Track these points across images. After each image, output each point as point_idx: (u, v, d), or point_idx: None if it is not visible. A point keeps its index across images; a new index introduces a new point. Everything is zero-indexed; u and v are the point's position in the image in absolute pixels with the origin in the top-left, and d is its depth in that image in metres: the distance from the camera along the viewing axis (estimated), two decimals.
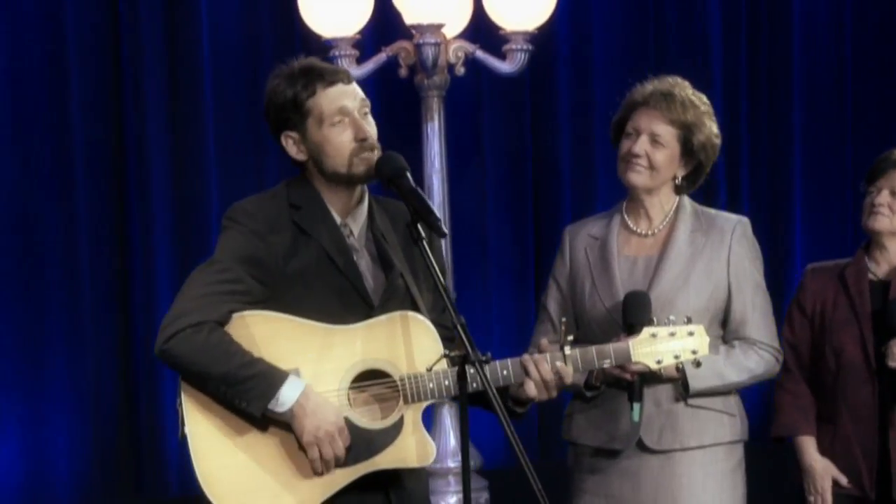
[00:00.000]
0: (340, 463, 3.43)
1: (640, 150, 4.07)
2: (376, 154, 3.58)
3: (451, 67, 6.07)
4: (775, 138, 7.86)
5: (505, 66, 6.14)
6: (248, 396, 3.37)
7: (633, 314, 3.87)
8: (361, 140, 3.55)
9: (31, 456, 6.41)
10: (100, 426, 6.47)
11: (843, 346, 4.57)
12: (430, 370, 3.47)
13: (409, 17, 5.90)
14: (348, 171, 3.55)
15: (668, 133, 4.08)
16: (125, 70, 6.60)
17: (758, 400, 6.01)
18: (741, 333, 4.13)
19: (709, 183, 7.52)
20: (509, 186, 7.31)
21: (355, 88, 3.62)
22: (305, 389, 3.40)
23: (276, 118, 3.63)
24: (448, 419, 6.09)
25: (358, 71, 6.05)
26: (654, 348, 3.71)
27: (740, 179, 7.80)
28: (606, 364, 3.73)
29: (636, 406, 3.91)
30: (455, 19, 6.10)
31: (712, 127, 4.15)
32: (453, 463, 6.05)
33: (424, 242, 3.45)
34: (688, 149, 4.10)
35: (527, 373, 3.57)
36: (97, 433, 6.46)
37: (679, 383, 4.02)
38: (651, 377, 3.93)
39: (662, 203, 4.15)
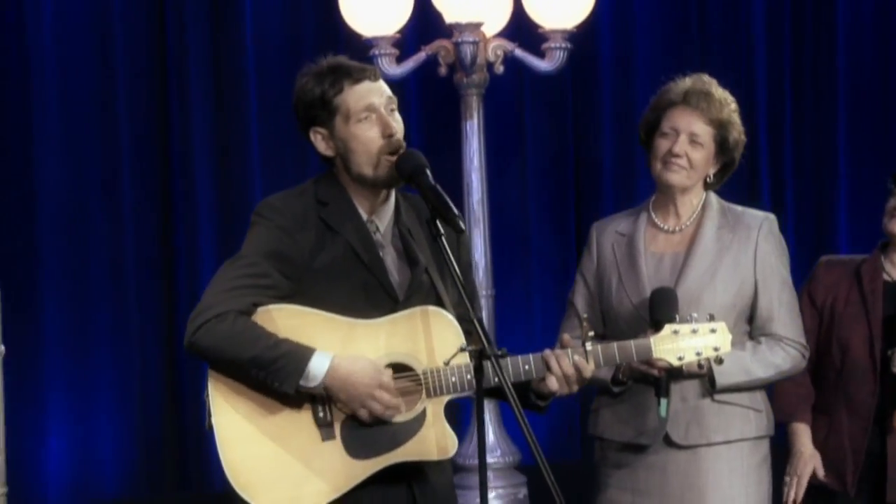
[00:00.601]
0: (400, 405, 3.48)
1: (680, 151, 4.07)
2: (402, 153, 3.61)
3: (490, 66, 6.13)
4: (819, 138, 7.85)
5: (544, 65, 6.18)
6: (279, 376, 3.43)
7: (660, 311, 3.88)
8: (388, 136, 3.58)
9: (79, 449, 6.53)
10: (145, 421, 6.58)
11: (849, 342, 4.54)
12: (447, 364, 3.51)
13: (449, 15, 5.95)
14: (374, 172, 3.58)
15: (706, 132, 4.08)
16: (171, 70, 6.72)
17: None
18: (768, 330, 4.13)
19: (752, 184, 7.66)
20: (551, 184, 7.36)
21: (382, 86, 3.65)
22: (333, 361, 3.44)
23: (304, 115, 3.69)
24: (486, 414, 6.14)
25: (398, 69, 6.13)
26: (676, 345, 3.72)
27: (784, 180, 7.80)
28: (628, 360, 3.77)
29: (663, 402, 3.93)
30: (495, 18, 6.15)
31: (739, 124, 4.16)
32: (491, 458, 6.10)
33: (444, 238, 3.49)
34: (723, 147, 4.11)
35: (548, 368, 3.59)
36: (142, 428, 6.57)
37: (706, 379, 4.03)
38: (678, 373, 3.94)
39: (691, 200, 4.16)
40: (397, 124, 3.61)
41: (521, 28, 6.32)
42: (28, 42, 6.46)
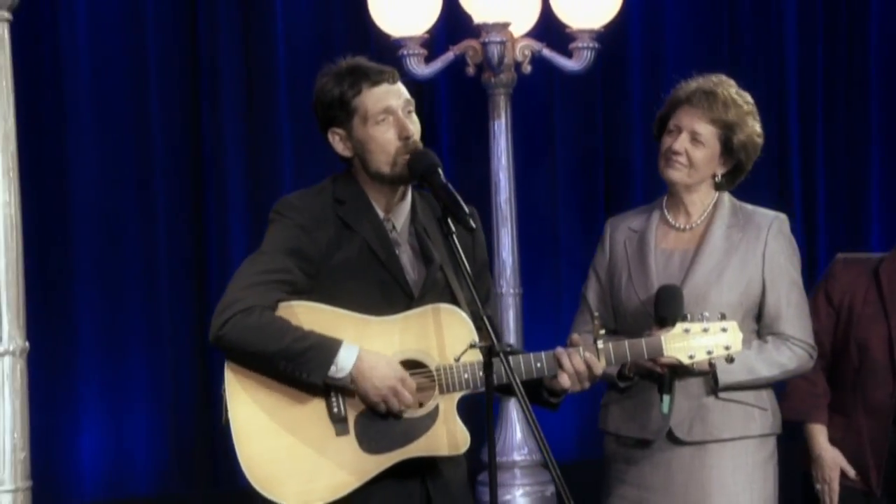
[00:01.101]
0: (416, 408, 3.54)
1: (679, 148, 4.12)
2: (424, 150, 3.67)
3: (518, 66, 6.17)
4: (852, 138, 7.84)
5: (571, 64, 6.21)
6: (307, 367, 3.49)
7: (666, 308, 3.93)
8: (405, 138, 3.65)
9: (113, 445, 6.60)
10: (177, 418, 6.64)
11: (868, 342, 4.53)
12: (457, 360, 3.56)
13: (477, 16, 5.99)
14: (391, 170, 3.65)
15: (708, 132, 4.11)
16: (202, 71, 6.78)
17: None
18: (775, 329, 4.15)
19: (783, 182, 7.66)
20: (581, 183, 7.38)
21: (400, 88, 3.71)
22: (360, 353, 3.51)
23: (323, 115, 3.75)
24: (514, 412, 6.18)
25: (426, 69, 6.18)
26: (686, 343, 3.78)
27: (816, 179, 7.79)
28: (638, 358, 3.81)
29: (665, 398, 3.98)
30: (523, 18, 6.19)
31: (755, 126, 4.18)
32: (519, 456, 6.14)
33: (455, 237, 3.53)
34: (728, 148, 4.14)
35: (560, 365, 3.65)
36: (174, 425, 6.63)
37: (710, 377, 4.06)
38: (682, 370, 3.98)
39: (702, 199, 4.19)
40: (414, 126, 3.68)
41: (550, 28, 6.35)
42: (62, 45, 6.52)
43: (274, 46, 6.87)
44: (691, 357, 3.79)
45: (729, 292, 4.10)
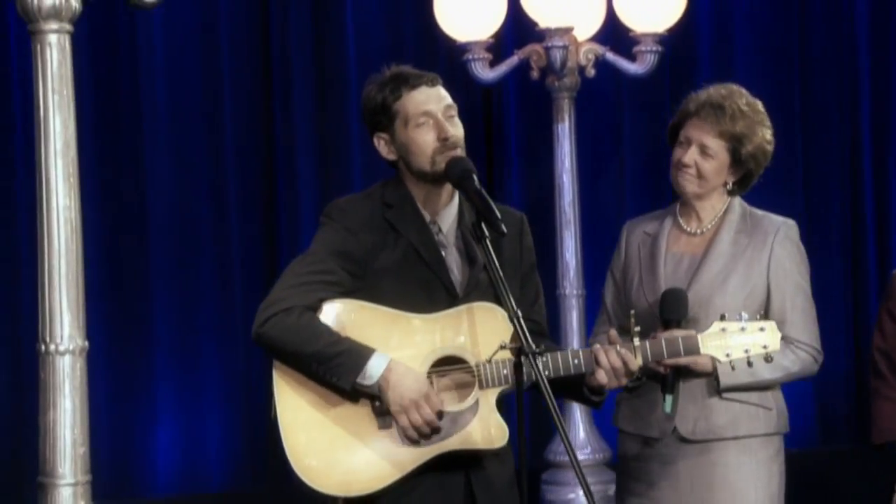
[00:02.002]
0: (435, 427, 3.64)
1: (689, 161, 4.19)
2: (458, 153, 3.76)
3: (582, 69, 6.24)
4: None
5: (635, 68, 6.28)
6: (338, 372, 3.62)
7: (670, 310, 4.03)
8: (443, 140, 3.75)
9: (186, 442, 6.76)
10: (249, 415, 6.77)
11: None
12: (489, 361, 3.66)
13: (540, 20, 6.07)
14: (431, 168, 3.76)
15: (716, 145, 4.18)
16: (275, 76, 6.93)
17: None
18: (781, 332, 4.13)
19: (855, 186, 7.63)
20: (649, 186, 7.41)
21: (440, 92, 3.81)
22: (390, 363, 3.63)
23: (369, 121, 3.88)
24: (577, 411, 6.25)
25: (491, 73, 6.28)
26: (723, 342, 3.86)
27: (889, 182, 7.76)
28: (674, 356, 3.90)
29: (668, 398, 4.05)
30: (588, 22, 6.26)
31: (765, 134, 4.23)
32: (582, 455, 6.20)
33: (488, 241, 3.63)
34: (737, 159, 4.20)
35: (597, 361, 3.75)
36: (246, 422, 6.77)
37: (713, 378, 4.12)
38: (685, 371, 4.07)
39: (713, 205, 4.27)
40: (455, 129, 3.77)
41: (615, 32, 6.42)
42: (139, 53, 6.70)
43: (345, 50, 6.99)
44: (728, 355, 3.87)
45: (733, 296, 4.16)
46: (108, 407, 6.61)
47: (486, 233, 3.64)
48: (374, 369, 3.62)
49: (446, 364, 3.72)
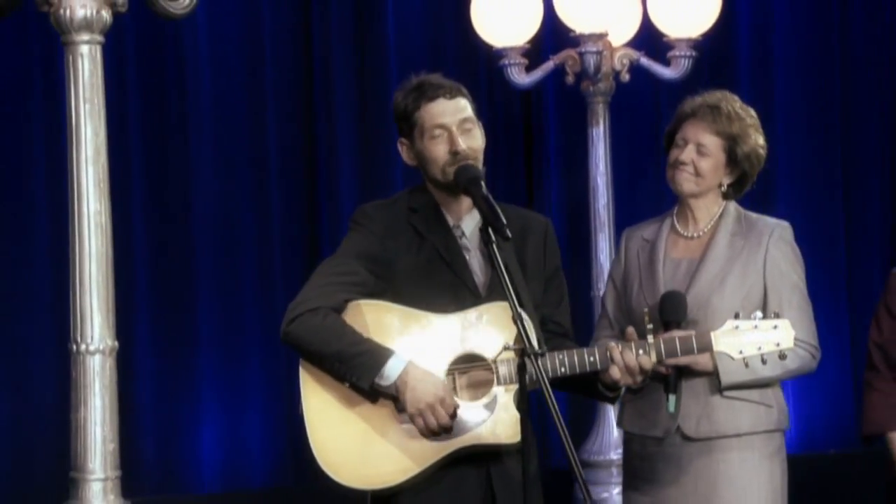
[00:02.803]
0: (448, 429, 3.74)
1: (686, 158, 4.27)
2: (469, 163, 3.87)
3: (617, 74, 6.33)
4: None
5: (669, 73, 6.36)
6: (357, 372, 3.73)
7: (669, 313, 4.11)
8: (454, 153, 3.86)
9: (230, 439, 6.90)
10: (292, 414, 6.86)
11: None
12: (494, 361, 3.77)
13: (573, 26, 6.16)
14: (443, 178, 3.89)
15: (713, 143, 4.26)
16: (316, 81, 7.06)
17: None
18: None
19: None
20: None
21: (458, 105, 3.91)
22: (408, 366, 3.74)
23: (397, 126, 4.01)
24: (611, 411, 6.33)
25: (527, 79, 6.37)
26: (736, 340, 3.94)
27: None
28: (688, 353, 3.98)
29: (671, 397, 4.13)
30: (623, 27, 6.35)
31: (758, 138, 4.31)
32: (615, 454, 6.28)
33: (494, 245, 3.72)
34: (732, 158, 4.28)
35: (612, 359, 3.85)
36: (289, 420, 6.88)
37: (714, 376, 4.20)
38: (686, 371, 4.14)
39: (709, 208, 4.34)
40: (470, 141, 3.88)
41: (651, 37, 6.49)
42: (186, 59, 6.86)
43: (386, 54, 7.12)
44: (741, 353, 3.94)
45: (731, 298, 4.23)
46: (155, 405, 6.78)
47: (493, 237, 3.74)
48: (391, 370, 3.73)
49: (466, 362, 3.83)
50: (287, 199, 7.01)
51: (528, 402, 3.65)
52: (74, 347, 3.88)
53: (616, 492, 6.27)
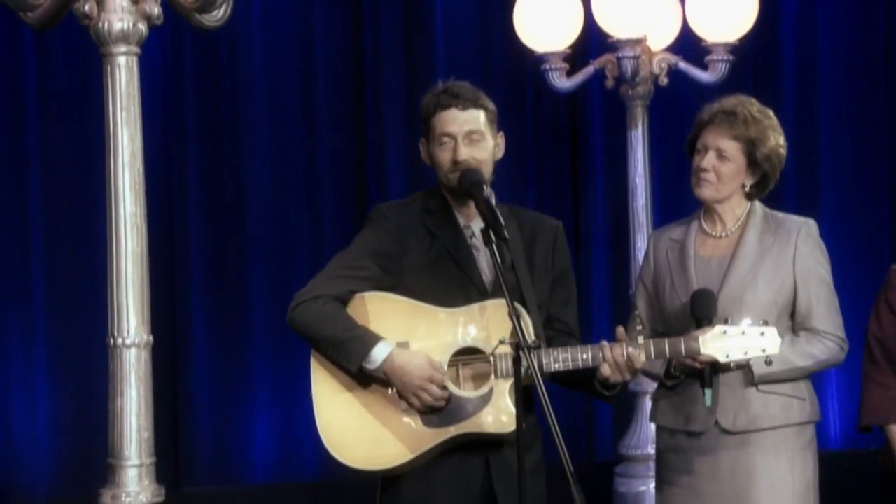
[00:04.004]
0: (442, 405, 3.97)
1: (707, 165, 4.43)
2: (485, 177, 4.10)
3: (657, 78, 6.48)
4: None
5: (707, 76, 6.49)
6: (347, 356, 4.00)
7: (700, 309, 4.25)
8: (454, 162, 4.10)
9: (283, 432, 7.12)
10: None
11: None
12: (492, 354, 3.97)
13: (611, 31, 6.31)
14: (447, 183, 4.15)
15: (732, 147, 4.41)
16: (367, 84, 7.30)
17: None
18: (807, 324, 4.42)
19: None
20: None
21: (469, 116, 4.13)
22: (393, 351, 3.99)
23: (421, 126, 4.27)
24: (648, 405, 6.46)
25: (568, 83, 6.55)
26: (724, 343, 4.11)
27: None
28: (676, 355, 4.16)
29: (708, 392, 4.26)
30: (663, 31, 6.50)
31: (777, 139, 4.46)
32: (653, 449, 6.40)
33: (494, 245, 3.92)
34: (753, 161, 4.42)
35: (603, 357, 4.03)
36: None
37: (748, 370, 4.34)
38: (720, 366, 4.27)
39: (734, 208, 4.48)
40: (473, 151, 4.11)
41: (692, 41, 6.62)
42: (240, 69, 7.11)
43: (435, 62, 7.32)
44: (727, 356, 4.11)
45: (764, 293, 4.38)
46: (211, 400, 7.03)
47: (493, 238, 3.93)
48: (378, 354, 3.98)
49: (468, 354, 4.03)
50: (338, 202, 7.22)
51: (529, 395, 3.83)
52: (111, 341, 4.06)
53: (653, 485, 6.37)
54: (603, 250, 7.47)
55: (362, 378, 4.04)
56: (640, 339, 4.07)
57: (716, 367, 4.26)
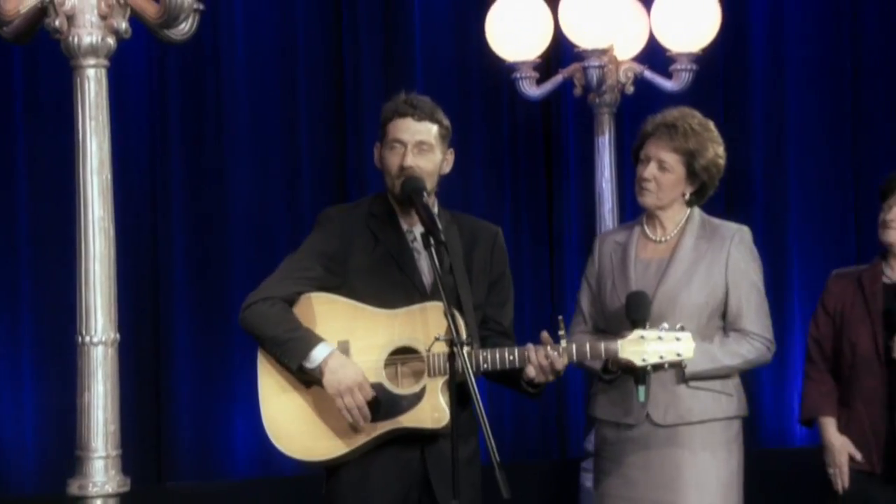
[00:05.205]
0: (364, 413, 4.20)
1: (648, 175, 4.68)
2: (425, 185, 4.33)
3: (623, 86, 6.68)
4: None
5: (671, 85, 6.69)
6: (288, 354, 4.25)
7: (634, 311, 4.48)
8: (401, 168, 4.33)
9: (263, 431, 7.17)
10: None
11: (857, 340, 5.11)
12: (428, 351, 4.18)
13: (577, 42, 6.50)
14: (392, 189, 4.38)
15: (672, 159, 4.65)
16: (347, 95, 7.49)
17: None
18: (737, 325, 4.67)
19: None
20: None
21: (422, 127, 4.37)
22: (333, 352, 4.22)
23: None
24: None
25: (538, 91, 6.74)
26: (641, 348, 4.35)
27: None
28: (598, 358, 4.41)
29: (641, 388, 4.49)
30: (631, 42, 6.69)
31: (717, 150, 4.70)
32: None
33: (433, 249, 4.15)
34: (692, 171, 4.66)
35: (528, 359, 4.26)
36: None
37: (680, 368, 4.55)
38: (643, 367, 4.48)
39: (674, 215, 4.73)
40: (422, 161, 4.34)
41: (658, 51, 6.82)
42: (223, 73, 7.31)
43: (413, 72, 7.51)
44: (644, 360, 4.35)
45: (697, 294, 4.63)
46: (193, 397, 7.22)
47: (432, 241, 4.14)
48: (317, 355, 4.22)
49: (404, 353, 4.27)
50: (319, 206, 7.23)
51: (463, 390, 4.03)
52: (80, 339, 4.25)
53: None
54: (575, 252, 7.66)
55: (303, 376, 4.26)
56: (563, 343, 4.29)
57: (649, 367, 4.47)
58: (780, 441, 7.77)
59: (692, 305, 4.60)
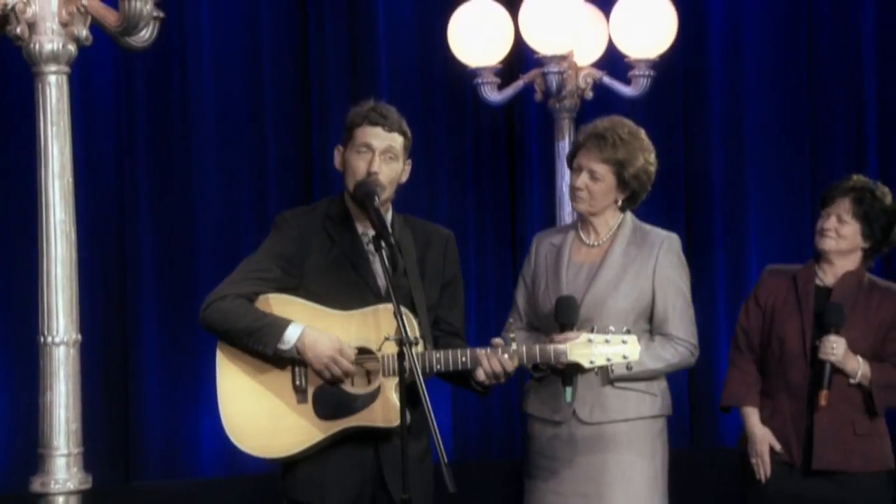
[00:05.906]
0: (351, 375, 4.32)
1: (580, 185, 4.84)
2: (379, 190, 4.44)
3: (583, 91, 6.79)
4: None
5: (629, 91, 6.81)
6: (262, 341, 4.35)
7: (563, 315, 4.66)
8: (368, 172, 4.43)
9: None
10: None
11: (786, 335, 5.29)
12: (379, 350, 4.30)
13: (536, 48, 6.61)
14: (354, 193, 4.45)
15: (602, 169, 4.80)
16: (313, 98, 7.58)
17: None
18: (662, 330, 4.83)
19: None
20: (661, 202, 7.76)
21: (390, 136, 4.51)
22: (305, 330, 4.34)
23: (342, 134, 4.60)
24: None
25: (499, 96, 6.84)
26: (588, 351, 4.48)
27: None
28: (546, 361, 4.52)
29: (568, 389, 4.69)
30: (591, 48, 6.81)
31: (647, 157, 4.85)
32: None
33: (384, 252, 4.26)
34: (622, 180, 4.79)
35: (479, 363, 4.39)
36: None
37: (607, 370, 4.72)
38: (584, 369, 4.62)
39: (608, 220, 4.87)
40: (387, 169, 4.46)
41: (617, 57, 6.93)
42: (189, 75, 7.37)
43: (378, 76, 7.60)
44: (592, 362, 4.49)
45: (624, 299, 4.76)
46: (160, 398, 7.29)
47: (382, 244, 4.26)
48: (291, 335, 4.34)
49: (359, 354, 4.39)
50: (284, 208, 7.33)
51: (415, 389, 4.15)
52: (42, 339, 4.35)
53: None
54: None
55: (261, 372, 4.37)
56: (514, 346, 4.40)
57: (578, 368, 4.61)
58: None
59: (619, 310, 4.75)
